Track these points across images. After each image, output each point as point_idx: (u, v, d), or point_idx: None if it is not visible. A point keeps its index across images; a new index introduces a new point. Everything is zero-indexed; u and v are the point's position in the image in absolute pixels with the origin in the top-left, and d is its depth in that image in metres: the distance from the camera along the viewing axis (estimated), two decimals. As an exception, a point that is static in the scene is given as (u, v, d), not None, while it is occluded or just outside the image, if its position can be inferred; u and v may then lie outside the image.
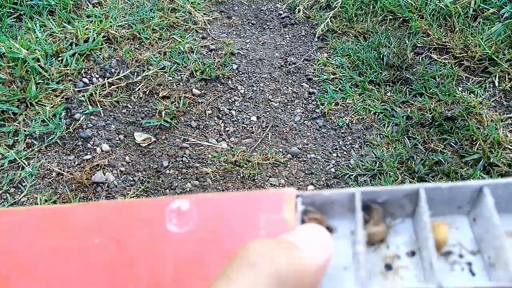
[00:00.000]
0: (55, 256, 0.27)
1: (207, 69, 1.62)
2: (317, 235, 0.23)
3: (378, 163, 1.35)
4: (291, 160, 1.37)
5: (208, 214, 0.25)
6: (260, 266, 0.21)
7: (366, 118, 1.50)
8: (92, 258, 0.26)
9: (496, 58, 1.64)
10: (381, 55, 1.67)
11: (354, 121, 1.49)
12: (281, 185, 1.28)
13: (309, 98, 1.58)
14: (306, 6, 1.96)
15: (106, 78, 1.55)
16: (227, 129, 1.47)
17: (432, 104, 1.51)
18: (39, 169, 1.29)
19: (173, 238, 0.25)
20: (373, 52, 1.70)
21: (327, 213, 0.27)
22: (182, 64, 1.64)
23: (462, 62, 1.67)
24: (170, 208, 0.26)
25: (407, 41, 1.75)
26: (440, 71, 1.64)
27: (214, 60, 1.68)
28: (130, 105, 1.50)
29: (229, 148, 1.39)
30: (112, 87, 1.53)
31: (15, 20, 1.73)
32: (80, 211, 0.28)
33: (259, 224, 0.25)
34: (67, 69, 1.53)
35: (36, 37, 1.61)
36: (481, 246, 0.25)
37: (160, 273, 0.24)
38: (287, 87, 1.62)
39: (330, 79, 1.64)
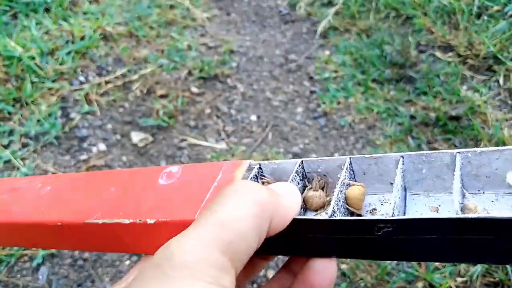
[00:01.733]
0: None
1: (206, 67, 1.58)
2: (288, 187, 0.28)
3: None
4: (292, 161, 1.34)
5: (186, 174, 0.34)
6: (244, 193, 0.24)
7: (369, 118, 1.47)
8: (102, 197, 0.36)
9: (500, 56, 1.61)
10: (384, 53, 1.64)
11: (356, 121, 1.46)
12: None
13: (311, 97, 1.55)
14: (307, 3, 1.93)
15: (102, 77, 1.51)
16: (226, 128, 1.44)
17: (436, 103, 1.48)
18: (35, 169, 1.26)
19: (160, 187, 0.34)
20: (376, 50, 1.66)
21: (279, 179, 0.33)
22: (180, 62, 1.61)
23: (466, 61, 1.64)
24: (164, 171, 0.35)
25: (410, 39, 1.71)
26: (444, 69, 1.60)
27: (213, 58, 1.65)
28: (127, 104, 1.47)
29: (228, 149, 1.36)
30: (109, 85, 1.49)
31: (10, 17, 1.70)
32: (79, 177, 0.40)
33: (215, 179, 0.32)
34: (63, 68, 1.50)
35: (32, 35, 1.57)
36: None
37: (144, 207, 0.33)
38: (288, 86, 1.59)
39: (331, 77, 1.61)
